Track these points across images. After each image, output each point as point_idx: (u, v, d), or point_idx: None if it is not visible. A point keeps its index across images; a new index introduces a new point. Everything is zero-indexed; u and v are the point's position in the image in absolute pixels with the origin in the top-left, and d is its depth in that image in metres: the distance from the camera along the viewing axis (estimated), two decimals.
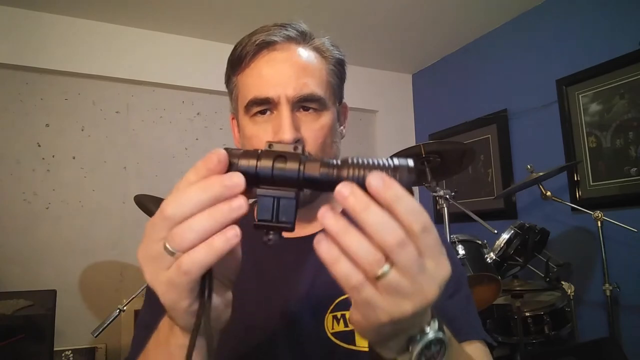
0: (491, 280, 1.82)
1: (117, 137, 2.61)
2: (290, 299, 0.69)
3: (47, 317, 1.80)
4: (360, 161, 0.38)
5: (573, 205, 2.14)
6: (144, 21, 2.60)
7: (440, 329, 0.40)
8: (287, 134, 0.66)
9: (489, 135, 2.83)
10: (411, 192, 0.38)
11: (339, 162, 0.39)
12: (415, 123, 3.51)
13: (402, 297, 0.36)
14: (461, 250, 1.78)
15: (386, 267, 0.35)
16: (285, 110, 0.67)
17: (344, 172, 0.38)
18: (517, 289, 1.98)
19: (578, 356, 1.64)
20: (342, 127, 0.80)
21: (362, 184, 0.37)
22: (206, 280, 0.39)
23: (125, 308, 1.86)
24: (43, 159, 2.43)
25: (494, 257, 1.91)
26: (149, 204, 2.12)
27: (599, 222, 1.89)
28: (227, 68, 0.76)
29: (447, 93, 3.21)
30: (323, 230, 0.37)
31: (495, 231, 1.86)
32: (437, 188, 1.90)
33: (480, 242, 1.89)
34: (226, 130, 2.87)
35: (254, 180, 0.39)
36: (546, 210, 2.42)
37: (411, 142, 3.42)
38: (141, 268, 0.39)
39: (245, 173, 0.38)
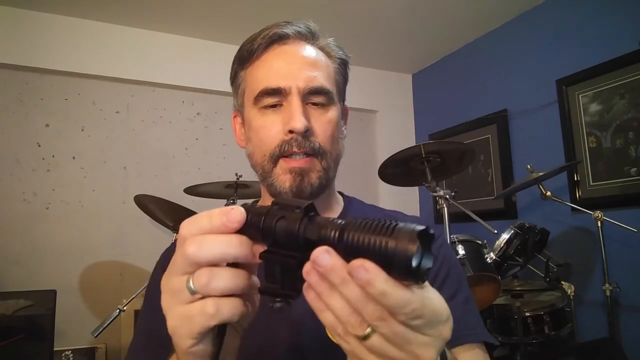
0: (491, 280, 1.82)
1: (117, 137, 2.61)
2: None
3: (47, 317, 1.80)
4: (360, 230, 0.34)
5: (573, 205, 2.14)
6: (144, 21, 2.60)
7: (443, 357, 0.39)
8: (299, 123, 0.66)
9: (489, 135, 2.83)
10: (412, 279, 0.33)
11: (341, 224, 0.36)
12: (415, 123, 3.51)
13: None
14: (461, 250, 1.78)
15: (368, 330, 0.35)
16: (296, 100, 0.68)
17: (344, 237, 0.35)
18: (517, 289, 1.99)
19: (578, 356, 1.64)
20: (344, 127, 0.81)
21: (356, 255, 0.34)
22: (216, 328, 0.40)
23: (125, 308, 1.86)
24: (43, 159, 2.43)
25: (494, 257, 1.91)
26: (149, 204, 2.12)
27: (599, 222, 1.89)
28: (234, 64, 0.77)
29: (447, 93, 3.21)
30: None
31: (495, 231, 1.86)
32: (437, 188, 1.90)
33: (480, 242, 1.89)
34: (226, 130, 2.87)
35: (260, 232, 0.39)
36: (546, 210, 2.42)
37: (411, 142, 3.42)
38: (162, 297, 0.41)
39: (254, 224, 0.39)
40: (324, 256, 0.35)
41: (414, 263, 0.32)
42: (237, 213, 0.39)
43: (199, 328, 0.39)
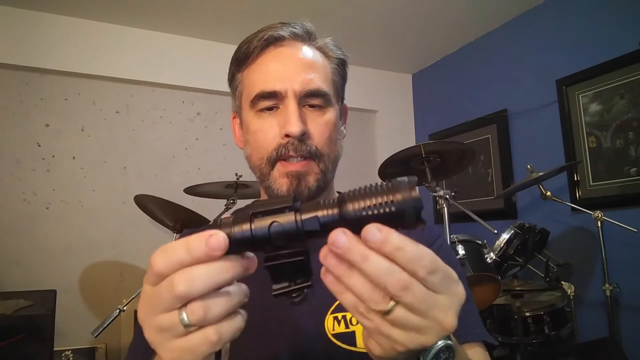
0: (491, 280, 1.82)
1: (117, 137, 2.61)
2: None
3: (47, 317, 1.80)
4: (358, 199, 0.36)
5: (573, 205, 2.14)
6: (144, 21, 2.60)
7: (448, 336, 0.40)
8: (295, 127, 0.66)
9: (489, 135, 2.83)
10: (421, 222, 0.36)
11: (336, 202, 0.37)
12: (415, 123, 3.51)
13: (417, 332, 0.36)
14: (461, 250, 1.78)
15: (391, 304, 0.35)
16: (292, 104, 0.68)
17: (345, 212, 0.36)
18: (517, 289, 1.99)
19: (578, 356, 1.64)
20: (343, 127, 0.80)
21: (363, 224, 0.35)
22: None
23: (125, 308, 1.86)
24: (43, 159, 2.43)
25: (494, 257, 1.91)
26: (149, 204, 2.12)
27: (599, 222, 1.89)
28: (231, 66, 0.76)
29: (447, 93, 3.21)
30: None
31: (495, 231, 1.86)
32: (437, 188, 1.90)
33: (480, 242, 1.89)
34: (226, 130, 2.87)
35: (252, 245, 0.38)
36: (546, 210, 2.42)
37: (411, 142, 3.42)
38: (144, 331, 0.39)
39: (241, 240, 0.37)
40: (340, 237, 0.35)
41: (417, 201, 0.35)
42: (217, 240, 0.36)
43: (203, 356, 0.37)
